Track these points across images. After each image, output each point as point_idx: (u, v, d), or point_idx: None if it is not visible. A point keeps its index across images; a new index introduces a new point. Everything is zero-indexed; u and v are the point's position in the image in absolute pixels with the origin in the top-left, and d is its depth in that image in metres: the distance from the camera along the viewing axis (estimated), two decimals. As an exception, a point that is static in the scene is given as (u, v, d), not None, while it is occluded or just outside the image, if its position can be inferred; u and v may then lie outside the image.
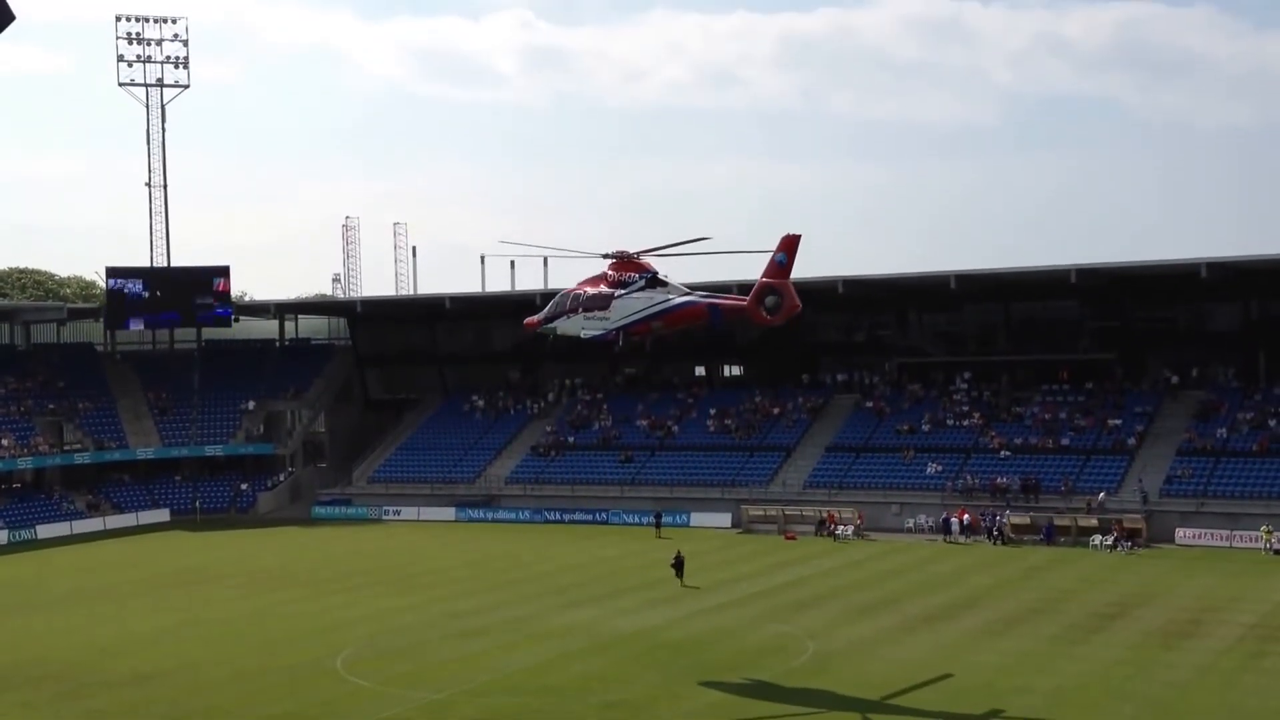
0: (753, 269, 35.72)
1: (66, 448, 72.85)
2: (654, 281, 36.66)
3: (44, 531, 65.32)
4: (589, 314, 37.24)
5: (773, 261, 34.10)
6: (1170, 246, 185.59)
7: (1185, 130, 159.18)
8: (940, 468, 62.12)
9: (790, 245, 34.09)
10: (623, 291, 36.64)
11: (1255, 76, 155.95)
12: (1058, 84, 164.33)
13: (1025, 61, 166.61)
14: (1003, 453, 62.35)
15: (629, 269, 36.81)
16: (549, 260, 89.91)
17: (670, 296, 36.51)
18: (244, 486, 75.19)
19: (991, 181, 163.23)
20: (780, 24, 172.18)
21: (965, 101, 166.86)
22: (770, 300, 34.17)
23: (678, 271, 38.94)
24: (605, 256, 37.06)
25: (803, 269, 34.95)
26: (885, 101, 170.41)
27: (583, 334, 37.70)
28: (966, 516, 57.29)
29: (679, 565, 46.80)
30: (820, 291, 68.40)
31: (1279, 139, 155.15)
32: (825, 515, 59.43)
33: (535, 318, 39.70)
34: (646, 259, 36.88)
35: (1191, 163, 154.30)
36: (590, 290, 37.42)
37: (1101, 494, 57.05)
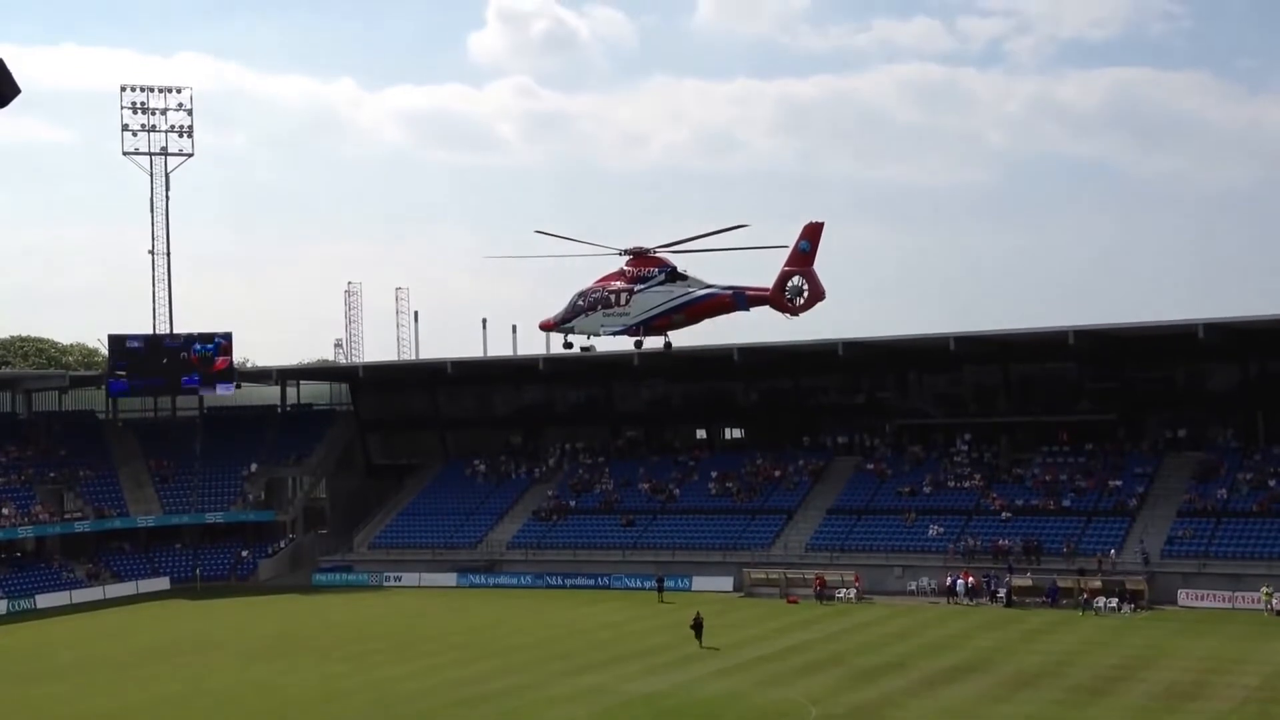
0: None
1: (67, 516, 72.77)
2: (674, 275, 36.02)
3: (43, 601, 65.13)
4: (608, 311, 36.48)
5: (795, 249, 33.50)
6: (1168, 307, 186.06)
7: (1181, 192, 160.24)
8: (942, 530, 62.03)
9: (814, 233, 33.56)
10: (642, 286, 35.80)
11: (1249, 139, 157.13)
12: (1054, 147, 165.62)
13: (1021, 125, 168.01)
14: (1004, 514, 62.28)
15: (648, 264, 36.26)
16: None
17: (691, 289, 35.80)
18: (245, 554, 75.04)
19: (989, 243, 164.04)
20: (778, 89, 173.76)
21: (962, 164, 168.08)
22: (794, 287, 33.62)
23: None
24: (623, 253, 36.61)
25: (802, 332, 35.00)
26: (882, 164, 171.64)
27: (602, 331, 36.81)
28: (970, 579, 57.17)
29: (698, 627, 46.98)
30: (820, 354, 68.83)
31: (1273, 200, 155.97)
32: (815, 579, 59.24)
33: (551, 318, 38.76)
34: (664, 254, 36.35)
35: (1188, 224, 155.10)
36: (609, 287, 36.61)
37: (1112, 551, 56.91)
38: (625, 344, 38.68)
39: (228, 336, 78.61)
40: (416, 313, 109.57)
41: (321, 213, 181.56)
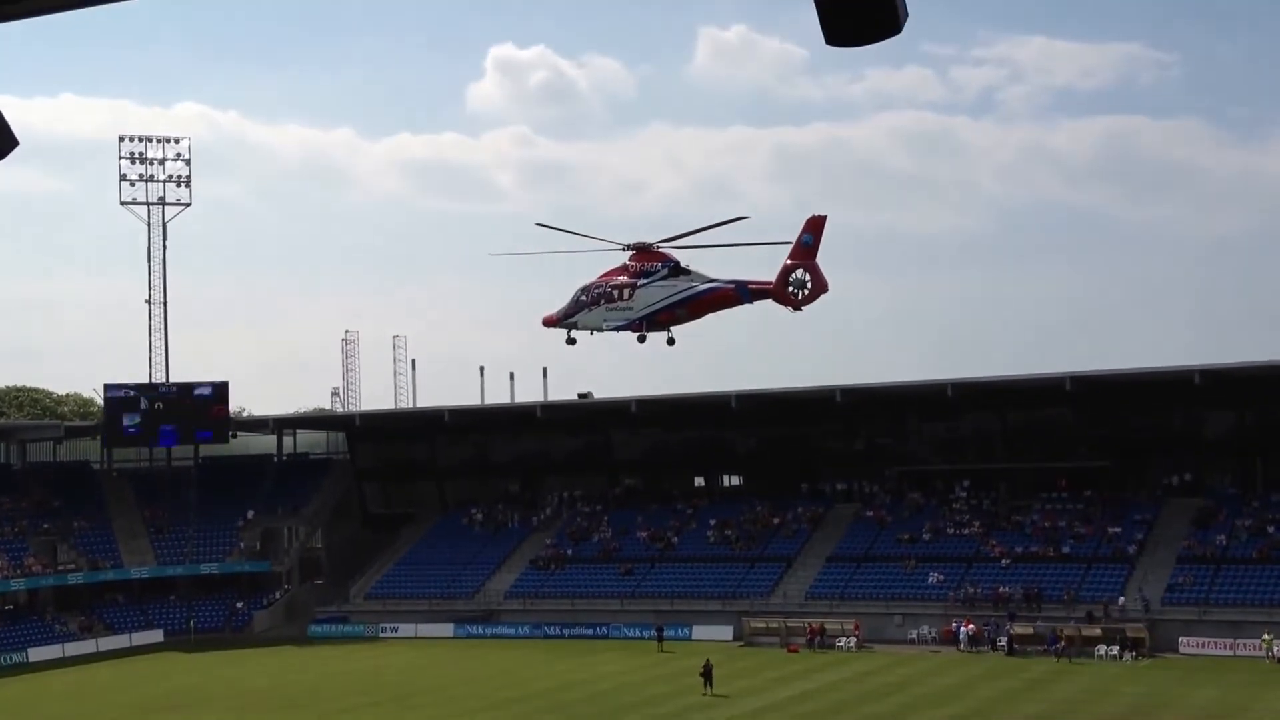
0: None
1: (60, 567, 72.29)
2: (676, 270, 35.97)
3: (36, 654, 64.57)
4: (611, 306, 36.34)
5: (799, 242, 33.55)
6: (1164, 354, 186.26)
7: (1174, 239, 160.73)
8: (942, 577, 61.73)
9: (816, 226, 33.58)
10: (645, 281, 35.82)
11: (1242, 186, 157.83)
12: (1047, 194, 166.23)
13: (1015, 173, 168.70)
14: (1004, 561, 62.02)
15: (651, 259, 36.19)
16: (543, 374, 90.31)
17: (694, 283, 35.76)
18: (239, 605, 74.50)
19: (985, 290, 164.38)
20: (774, 137, 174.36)
21: (957, 212, 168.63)
22: (797, 280, 33.54)
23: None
24: (626, 248, 36.48)
25: (800, 379, 34.96)
26: (877, 212, 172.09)
27: (605, 326, 36.60)
28: (972, 626, 56.85)
29: (708, 674, 46.74)
30: (818, 401, 68.77)
31: (1267, 247, 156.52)
32: (808, 627, 58.89)
33: (554, 314, 38.51)
34: (667, 249, 36.25)
35: (1182, 271, 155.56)
36: (612, 281, 36.55)
37: (1122, 600, 56.56)
38: (622, 391, 38.61)
39: (224, 386, 78.44)
40: (414, 361, 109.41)
41: (319, 261, 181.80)
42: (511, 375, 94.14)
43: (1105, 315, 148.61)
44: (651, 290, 35.59)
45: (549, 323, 38.42)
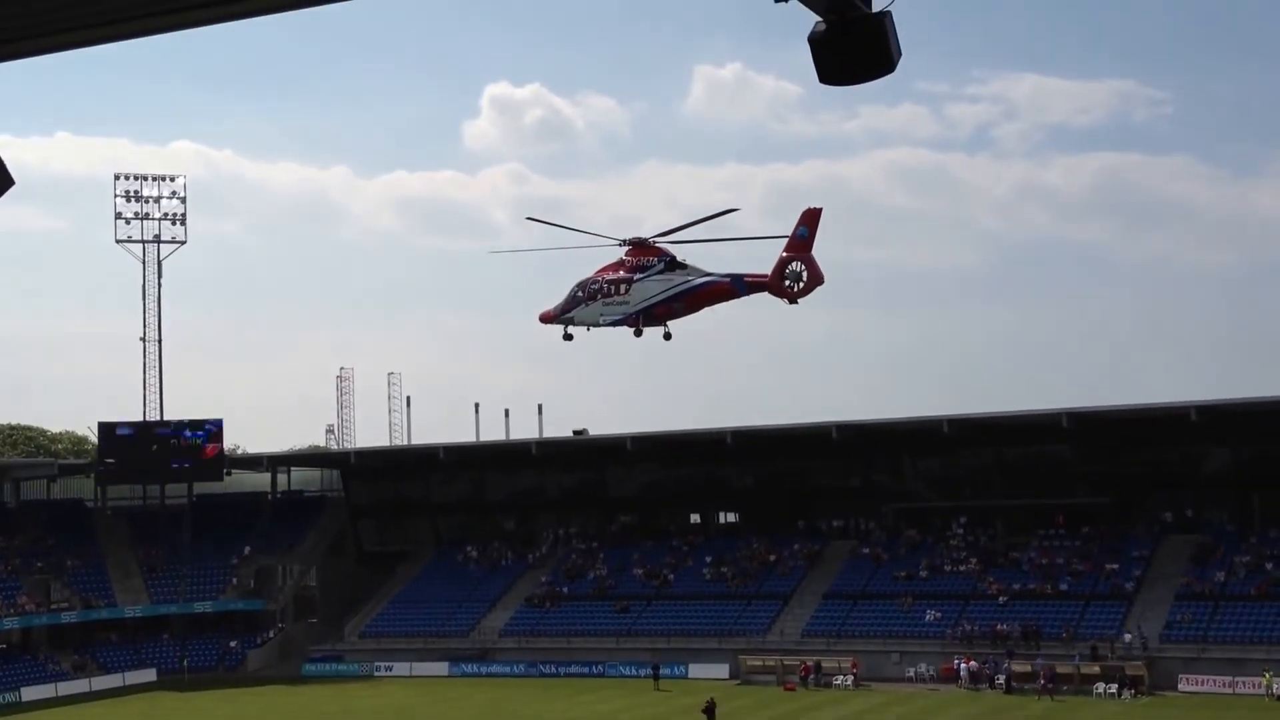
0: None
1: (54, 606, 71.90)
2: (673, 265, 35.99)
3: (29, 694, 64.11)
4: (608, 300, 36.30)
5: (794, 235, 33.62)
6: (1162, 389, 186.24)
7: (1170, 275, 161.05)
8: (939, 615, 61.48)
9: (812, 219, 33.63)
10: (641, 275, 35.88)
11: (1236, 222, 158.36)
12: (1043, 230, 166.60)
13: (1011, 209, 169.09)
14: (1001, 599, 61.79)
15: (647, 254, 36.14)
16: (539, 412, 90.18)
17: (690, 277, 35.80)
18: (233, 644, 74.02)
19: (981, 326, 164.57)
20: (769, 174, 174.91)
21: (953, 248, 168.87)
22: (793, 272, 33.50)
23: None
24: (622, 243, 36.41)
25: (796, 415, 35.01)
26: (873, 248, 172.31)
27: (601, 320, 36.59)
28: (973, 664, 56.59)
29: (710, 711, 46.51)
30: (814, 437, 68.67)
31: (1261, 283, 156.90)
32: (802, 665, 58.58)
33: (550, 310, 38.40)
34: (663, 244, 36.22)
35: (1178, 306, 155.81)
36: (608, 276, 36.61)
37: (1127, 637, 56.24)
38: (617, 428, 38.63)
39: (218, 424, 78.27)
40: (409, 398, 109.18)
41: (314, 298, 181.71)
42: (506, 412, 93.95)
43: (1101, 351, 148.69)
44: (648, 284, 35.78)
45: (545, 319, 38.44)
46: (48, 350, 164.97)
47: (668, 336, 37.19)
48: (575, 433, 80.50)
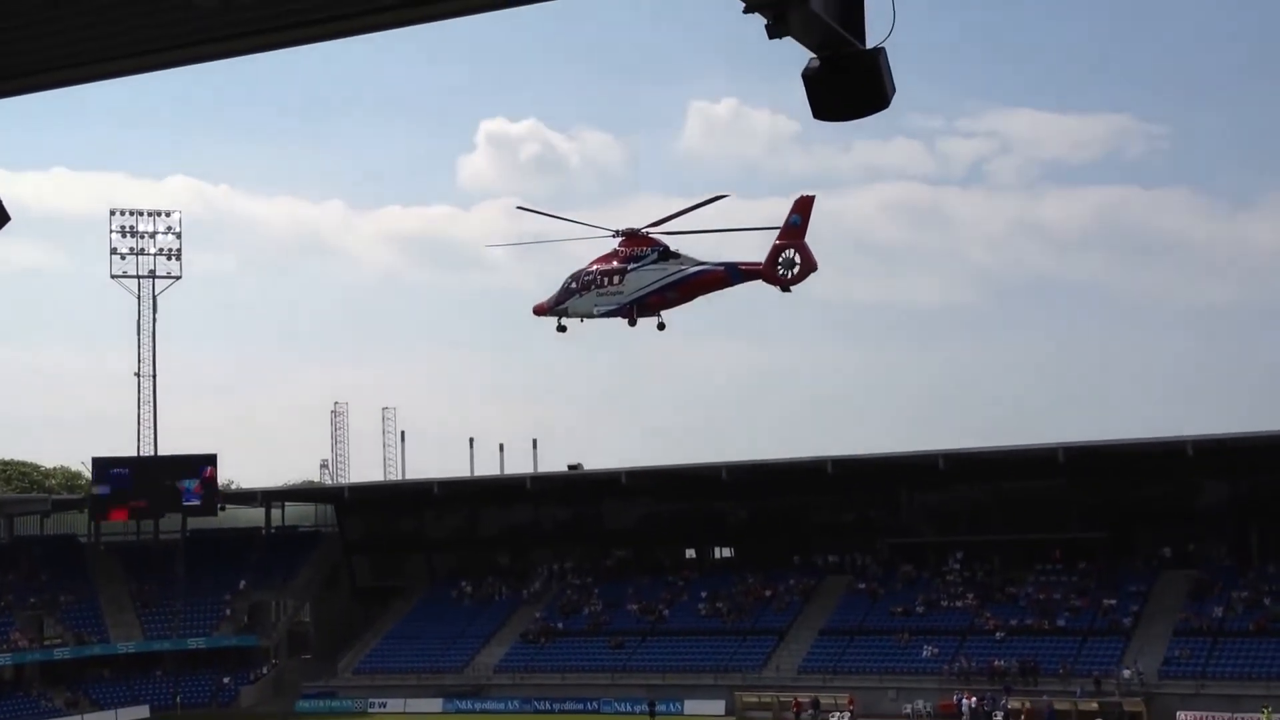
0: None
1: (46, 642, 71.51)
2: (666, 254, 35.99)
3: (21, 731, 63.72)
4: (602, 290, 36.27)
5: (787, 223, 33.72)
6: (1158, 423, 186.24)
7: (1166, 309, 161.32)
8: (936, 650, 61.20)
9: (805, 207, 33.69)
10: (635, 265, 35.91)
11: (1232, 256, 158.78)
12: (1038, 265, 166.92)
13: (1005, 244, 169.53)
14: (998, 634, 61.54)
15: (641, 244, 36.14)
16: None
17: (684, 266, 35.79)
18: (226, 680, 73.52)
19: (977, 361, 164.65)
20: (764, 209, 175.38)
21: (948, 283, 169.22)
22: (786, 259, 33.50)
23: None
24: (616, 234, 36.34)
25: (790, 449, 35.03)
26: (868, 283, 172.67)
27: (595, 311, 36.59)
28: (974, 699, 56.32)
29: None
30: (809, 472, 68.54)
31: (1258, 317, 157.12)
32: (794, 701, 58.23)
33: (544, 302, 38.25)
34: (656, 235, 36.25)
35: (1174, 340, 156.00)
36: (602, 267, 36.60)
37: (1126, 673, 55.96)
38: (612, 462, 38.60)
39: (212, 459, 78.04)
40: (403, 433, 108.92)
41: (309, 333, 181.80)
42: (501, 447, 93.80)
43: (1097, 386, 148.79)
44: (642, 274, 35.87)
45: (539, 311, 38.40)
46: (42, 385, 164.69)
47: (661, 327, 37.26)
48: (570, 467, 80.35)
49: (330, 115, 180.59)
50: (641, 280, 35.85)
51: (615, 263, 36.32)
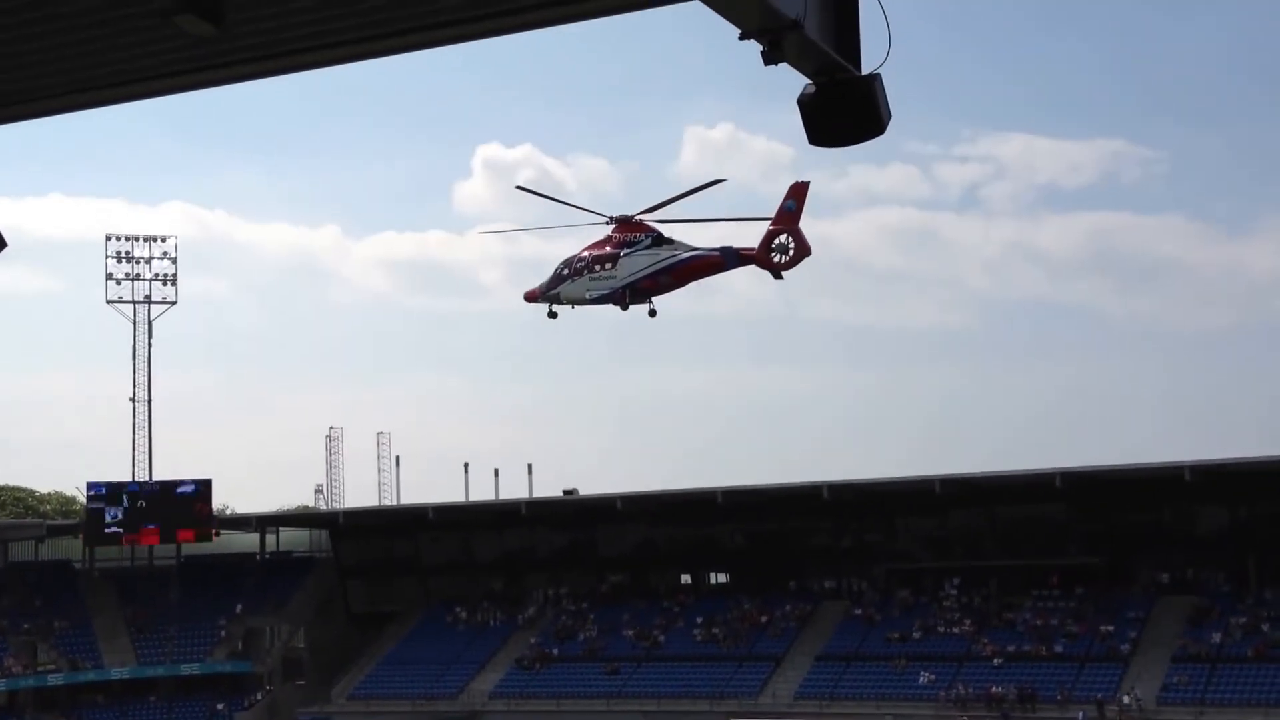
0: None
1: (40, 668, 71.23)
2: (660, 240, 36.05)
3: (13, 757, 63.37)
4: (594, 275, 36.29)
5: (782, 208, 33.75)
6: (1155, 449, 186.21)
7: (1162, 334, 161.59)
8: (933, 677, 60.98)
9: (799, 192, 33.70)
10: (629, 250, 35.97)
11: (1228, 282, 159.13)
12: (1034, 290, 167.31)
13: (1001, 269, 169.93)
14: (996, 660, 61.33)
15: (634, 230, 36.17)
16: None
17: (678, 252, 35.88)
18: (220, 706, 73.20)
19: (974, 386, 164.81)
20: (759, 233, 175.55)
21: (943, 307, 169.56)
22: (780, 244, 33.54)
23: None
24: (609, 221, 36.34)
25: (786, 475, 35.00)
26: (865, 308, 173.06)
27: (588, 295, 36.63)
28: (974, 725, 56.23)
29: None
30: (806, 497, 68.38)
31: (1253, 343, 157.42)
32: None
33: (536, 288, 38.26)
34: (649, 221, 36.33)
35: (1171, 365, 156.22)
36: (595, 253, 36.64)
37: (1125, 699, 55.74)
38: (607, 487, 38.59)
39: (207, 484, 77.87)
40: (398, 458, 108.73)
41: (304, 358, 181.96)
42: (496, 472, 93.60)
43: (1094, 411, 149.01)
44: (636, 259, 36.00)
45: (530, 297, 38.49)
46: (37, 410, 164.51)
47: (652, 313, 37.28)
48: (565, 492, 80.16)
49: (327, 141, 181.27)
50: (635, 265, 36.01)
51: (608, 248, 36.42)
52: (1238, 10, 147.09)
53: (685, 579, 78.15)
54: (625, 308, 37.07)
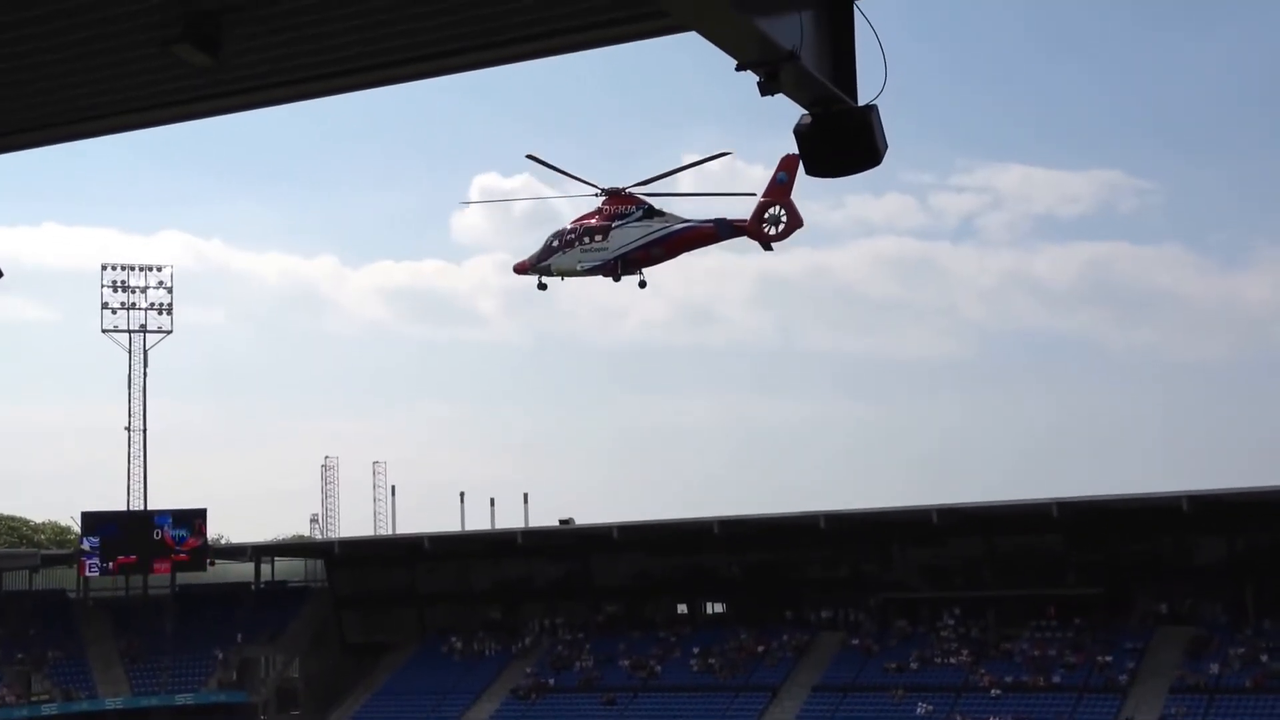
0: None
1: (34, 698, 70.81)
2: (651, 213, 36.13)
3: (5, 789, 62.95)
4: (585, 247, 36.34)
5: (774, 180, 33.79)
6: (1153, 479, 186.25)
7: (1159, 364, 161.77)
8: (931, 708, 60.72)
9: (792, 164, 33.63)
10: (620, 222, 36.04)
11: (1225, 312, 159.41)
12: (1031, 320, 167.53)
13: (997, 298, 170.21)
14: (994, 691, 61.09)
15: (625, 203, 36.24)
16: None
17: (669, 224, 35.97)
18: (214, 737, 72.92)
19: (971, 416, 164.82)
20: (756, 263, 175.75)
21: (940, 337, 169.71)
22: (772, 215, 33.61)
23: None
24: (600, 193, 36.38)
25: (784, 504, 34.99)
26: (861, 337, 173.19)
27: (579, 267, 36.70)
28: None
29: None
30: (802, 527, 68.22)
31: (1250, 374, 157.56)
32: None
33: (525, 260, 38.29)
34: (641, 194, 36.39)
35: (1168, 396, 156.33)
36: (586, 225, 36.75)
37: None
38: (604, 517, 38.58)
39: (202, 513, 77.64)
40: (394, 487, 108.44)
41: (299, 387, 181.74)
42: (492, 501, 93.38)
43: (1091, 441, 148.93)
44: (628, 230, 36.18)
45: (520, 269, 38.56)
46: (32, 439, 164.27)
47: (643, 284, 37.38)
48: (561, 522, 79.98)
49: (323, 171, 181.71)
50: (627, 237, 36.22)
51: (598, 220, 36.57)
52: (1233, 43, 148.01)
53: (682, 609, 77.89)
54: (617, 279, 37.22)
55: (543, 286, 38.62)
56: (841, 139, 8.66)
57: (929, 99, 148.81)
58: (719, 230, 35.83)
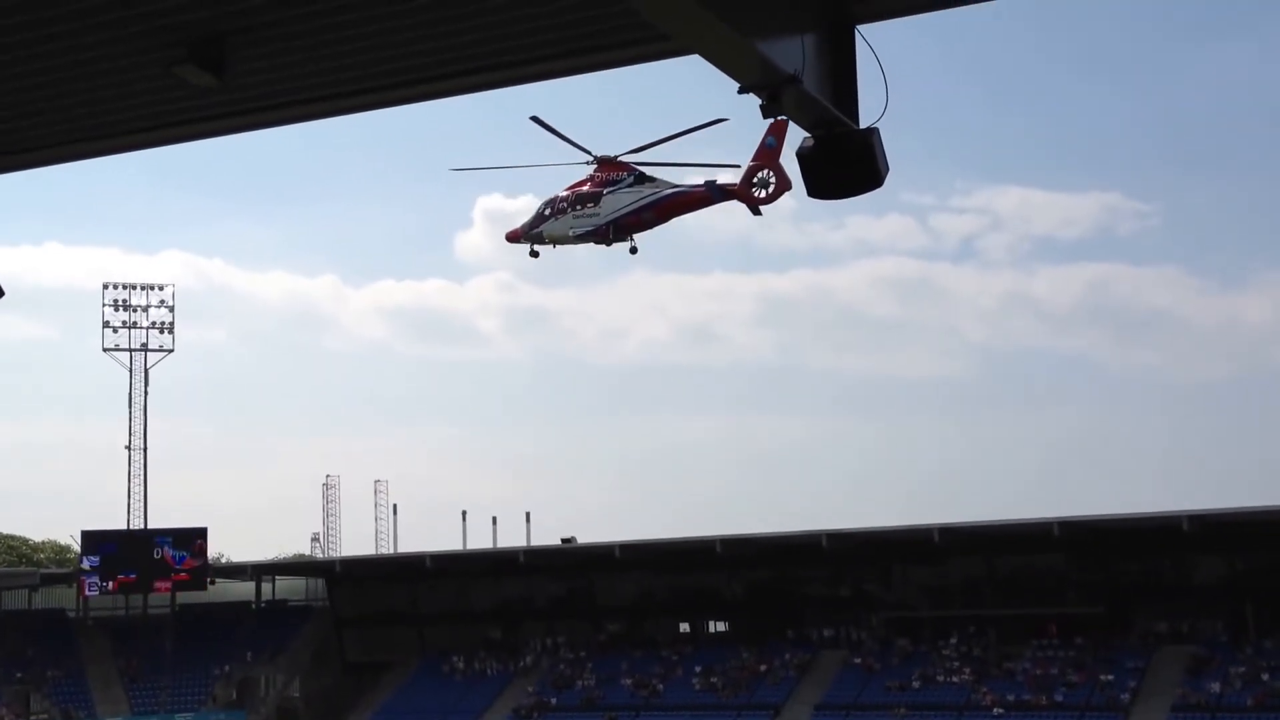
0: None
1: (33, 718, 70.71)
2: (642, 179, 36.39)
3: (4, 809, 62.78)
4: (577, 213, 36.59)
5: (763, 145, 33.83)
6: (1153, 499, 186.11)
7: (1159, 385, 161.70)
8: (932, 727, 60.61)
9: (781, 129, 33.76)
10: (612, 189, 36.29)
11: (1224, 333, 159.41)
12: (1031, 340, 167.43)
13: (998, 319, 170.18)
14: (996, 710, 60.95)
15: (616, 170, 36.49)
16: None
17: (660, 189, 36.21)
18: (215, 756, 72.76)
19: (972, 436, 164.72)
20: (757, 283, 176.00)
21: (941, 357, 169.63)
22: (761, 179, 33.77)
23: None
24: (590, 161, 36.60)
25: (786, 524, 34.93)
26: (862, 357, 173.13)
27: (571, 233, 36.99)
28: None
29: None
30: (804, 546, 68.14)
31: (1249, 394, 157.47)
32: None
33: (517, 228, 38.56)
34: (632, 161, 36.67)
35: (1168, 416, 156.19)
36: (578, 191, 37.06)
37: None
38: (606, 536, 38.61)
39: (202, 532, 77.58)
40: (395, 506, 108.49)
41: (301, 406, 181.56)
42: (494, 520, 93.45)
43: (1092, 461, 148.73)
44: (620, 196, 36.52)
45: (513, 237, 38.86)
46: (32, 458, 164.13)
47: (634, 250, 37.67)
48: (563, 541, 79.92)
49: (325, 190, 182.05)
50: (619, 202, 36.57)
51: (590, 187, 36.89)
52: (1231, 65, 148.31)
53: (684, 628, 77.73)
54: (609, 244, 37.59)
55: (534, 254, 39.03)
56: (843, 161, 8.71)
57: (929, 121, 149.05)
58: (710, 194, 36.17)
